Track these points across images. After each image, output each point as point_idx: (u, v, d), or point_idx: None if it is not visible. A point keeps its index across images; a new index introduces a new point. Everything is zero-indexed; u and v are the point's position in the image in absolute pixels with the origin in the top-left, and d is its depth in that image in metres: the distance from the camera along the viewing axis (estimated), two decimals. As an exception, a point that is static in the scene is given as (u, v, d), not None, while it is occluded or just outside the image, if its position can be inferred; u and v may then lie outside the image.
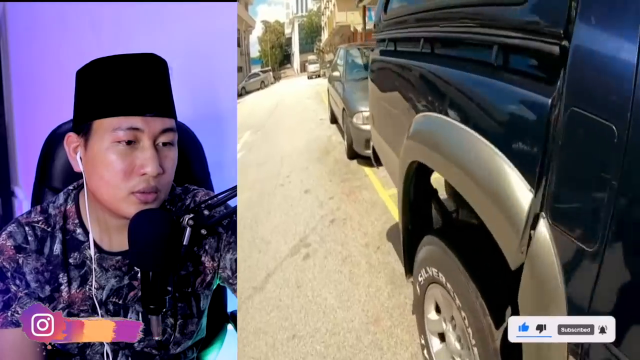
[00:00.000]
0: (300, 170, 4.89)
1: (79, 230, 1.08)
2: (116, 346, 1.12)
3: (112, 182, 0.97)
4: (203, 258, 1.14)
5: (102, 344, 1.09)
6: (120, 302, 1.10)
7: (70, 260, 1.07)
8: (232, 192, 1.04)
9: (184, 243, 0.97)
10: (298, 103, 9.77)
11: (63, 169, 1.32)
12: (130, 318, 1.11)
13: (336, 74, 5.79)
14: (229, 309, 1.57)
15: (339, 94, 5.49)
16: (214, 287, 1.19)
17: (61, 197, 1.11)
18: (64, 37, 2.12)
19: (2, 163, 2.56)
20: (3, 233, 1.05)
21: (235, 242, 1.13)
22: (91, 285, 1.07)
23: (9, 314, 1.03)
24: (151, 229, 0.93)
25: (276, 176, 4.84)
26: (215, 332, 1.46)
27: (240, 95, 11.39)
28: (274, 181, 4.68)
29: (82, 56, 1.04)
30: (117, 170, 0.96)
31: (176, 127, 1.05)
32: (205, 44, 1.82)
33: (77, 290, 1.07)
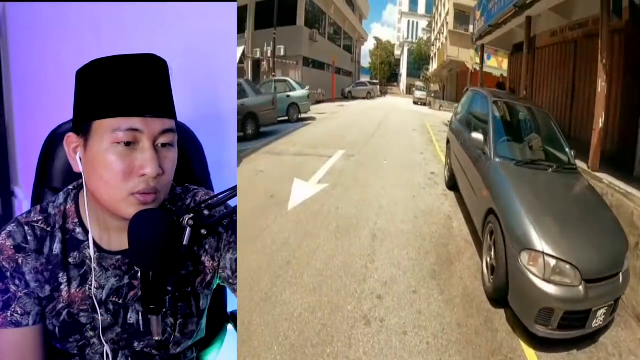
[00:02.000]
0: (403, 291, 2.17)
1: (78, 230, 1.08)
2: (116, 346, 1.11)
3: (111, 182, 0.97)
4: (203, 258, 1.13)
5: (102, 343, 1.09)
6: (120, 301, 1.10)
7: (70, 260, 1.07)
8: (232, 192, 1.04)
9: (184, 243, 0.97)
10: (403, 132, 7.14)
11: (63, 169, 1.32)
12: (130, 318, 1.11)
13: (476, 136, 2.73)
14: (229, 309, 1.57)
15: (475, 169, 2.80)
16: (214, 287, 1.19)
17: (61, 196, 1.11)
18: (64, 37, 2.12)
19: (2, 163, 2.56)
20: (3, 233, 1.05)
21: (235, 242, 1.13)
22: (91, 285, 1.07)
23: (9, 314, 1.03)
24: (151, 229, 0.93)
25: (360, 270, 2.32)
26: (215, 332, 1.46)
27: (345, 98, 10.70)
28: (352, 283, 2.19)
29: (82, 56, 1.04)
30: (117, 171, 0.96)
31: (176, 128, 1.05)
32: (205, 44, 1.82)
33: (77, 290, 1.07)
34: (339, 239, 2.65)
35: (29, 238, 1.05)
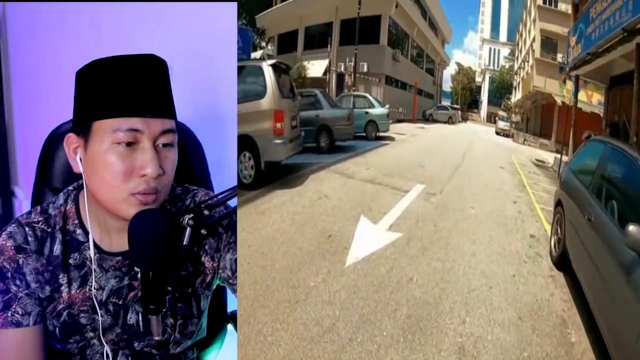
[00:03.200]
0: None
1: (78, 231, 1.08)
2: (116, 346, 1.12)
3: (112, 183, 0.97)
4: (203, 258, 1.13)
5: (102, 344, 1.09)
6: (120, 302, 1.10)
7: (70, 261, 1.07)
8: (232, 192, 1.04)
9: (184, 243, 0.97)
10: (490, 169, 5.85)
11: (63, 169, 1.32)
12: (130, 318, 1.11)
13: (637, 233, 1.44)
14: (229, 309, 1.57)
15: (621, 273, 1.67)
16: (214, 287, 1.19)
17: (61, 197, 1.11)
18: (64, 37, 2.12)
19: (2, 163, 2.56)
20: (3, 233, 1.05)
21: (235, 242, 1.13)
22: (91, 286, 1.07)
23: (9, 314, 1.03)
24: (151, 229, 0.93)
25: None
26: (215, 332, 1.46)
27: (426, 119, 10.51)
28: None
29: (82, 56, 1.04)
30: (117, 172, 0.96)
31: (176, 128, 1.05)
32: (206, 44, 1.82)
33: (77, 291, 1.07)
34: (407, 344, 1.70)
35: (29, 239, 1.05)
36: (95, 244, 1.07)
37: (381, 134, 6.95)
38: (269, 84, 3.59)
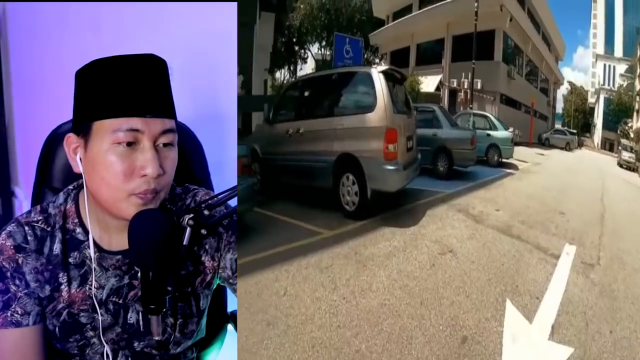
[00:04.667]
0: None
1: (78, 230, 1.08)
2: (116, 346, 1.11)
3: (112, 183, 0.97)
4: (203, 258, 1.14)
5: (102, 343, 1.09)
6: (121, 301, 1.10)
7: (70, 260, 1.07)
8: (232, 192, 1.04)
9: (184, 243, 0.97)
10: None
11: (63, 169, 1.32)
12: (130, 318, 1.11)
13: None
14: (229, 309, 1.57)
15: None
16: (214, 287, 1.19)
17: (61, 196, 1.11)
18: (64, 37, 2.12)
19: (2, 163, 2.56)
20: (3, 233, 1.05)
21: (235, 242, 1.13)
22: (91, 285, 1.07)
23: (9, 314, 1.03)
24: (151, 229, 0.93)
25: None
26: (215, 332, 1.46)
27: (542, 144, 9.41)
28: None
29: (82, 56, 1.04)
30: (118, 172, 0.96)
31: (176, 128, 1.05)
32: (206, 44, 1.82)
33: (77, 290, 1.07)
34: None
35: (29, 238, 1.05)
36: (95, 243, 1.07)
37: (503, 160, 5.94)
38: (380, 95, 2.93)
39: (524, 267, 2.39)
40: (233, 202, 1.09)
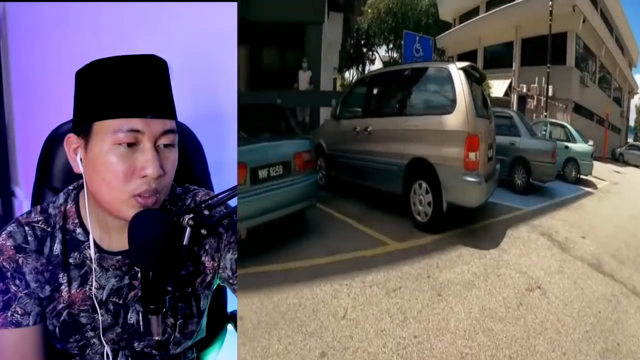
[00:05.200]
0: None
1: (79, 230, 1.08)
2: (116, 346, 1.12)
3: (112, 184, 0.97)
4: (203, 258, 1.14)
5: (102, 344, 1.09)
6: (121, 301, 1.10)
7: (70, 260, 1.07)
8: (232, 192, 1.04)
9: (184, 243, 0.97)
10: None
11: (63, 169, 1.32)
12: (131, 318, 1.11)
13: None
14: (229, 309, 1.57)
15: None
16: (214, 287, 1.19)
17: (61, 197, 1.11)
18: (64, 37, 2.12)
19: (2, 163, 2.56)
20: (3, 233, 1.05)
21: (235, 242, 1.13)
22: (91, 285, 1.07)
23: (9, 314, 1.03)
24: (151, 229, 0.93)
25: None
26: (215, 332, 1.46)
27: (615, 160, 8.52)
28: None
29: (82, 56, 1.04)
30: (118, 173, 0.96)
31: (176, 128, 1.05)
32: (206, 44, 1.82)
33: (77, 290, 1.07)
34: None
35: (29, 238, 1.05)
36: (95, 243, 1.07)
37: (581, 176, 5.39)
38: (460, 95, 2.60)
39: (623, 318, 1.98)
40: (233, 202, 1.09)
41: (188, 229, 0.96)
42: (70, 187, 1.12)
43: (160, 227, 0.93)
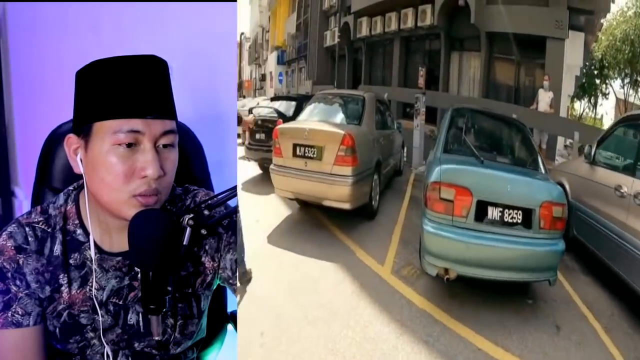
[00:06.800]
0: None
1: (79, 231, 1.08)
2: (116, 346, 1.12)
3: (113, 184, 0.97)
4: (203, 258, 1.14)
5: (102, 344, 1.09)
6: (121, 302, 1.10)
7: (71, 261, 1.07)
8: (232, 192, 1.04)
9: (184, 243, 0.97)
10: None
11: (63, 169, 1.32)
12: (131, 319, 1.11)
13: None
14: (229, 309, 1.57)
15: None
16: (214, 287, 1.19)
17: (61, 197, 1.11)
18: (64, 37, 2.12)
19: (2, 163, 2.56)
20: (3, 233, 1.05)
21: (235, 242, 1.13)
22: (91, 286, 1.07)
23: (10, 314, 1.03)
24: (151, 229, 0.93)
25: None
26: (215, 332, 1.46)
27: None
28: None
29: (82, 56, 1.04)
30: (118, 173, 0.96)
31: (176, 128, 1.05)
32: (206, 44, 1.82)
33: (78, 291, 1.07)
34: None
35: (29, 239, 1.05)
36: (95, 244, 1.07)
37: None
38: None
39: None
40: (233, 202, 1.09)
41: (188, 229, 0.96)
42: (71, 188, 1.12)
43: (161, 228, 0.93)
